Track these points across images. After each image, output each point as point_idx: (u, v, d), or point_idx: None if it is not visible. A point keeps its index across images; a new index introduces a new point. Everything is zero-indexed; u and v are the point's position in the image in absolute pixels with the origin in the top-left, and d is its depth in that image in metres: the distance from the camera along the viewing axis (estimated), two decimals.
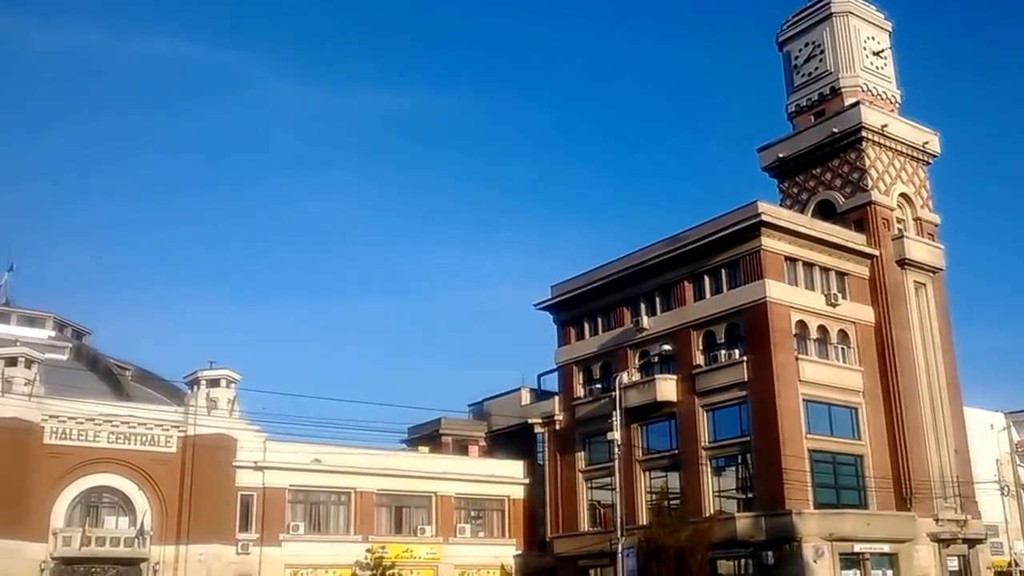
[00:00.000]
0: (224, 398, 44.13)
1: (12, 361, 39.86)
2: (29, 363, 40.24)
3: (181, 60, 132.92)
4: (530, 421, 51.73)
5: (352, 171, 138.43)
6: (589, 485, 48.98)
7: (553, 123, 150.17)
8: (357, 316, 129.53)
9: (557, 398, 51.33)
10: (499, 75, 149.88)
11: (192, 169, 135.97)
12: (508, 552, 50.53)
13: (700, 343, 44.37)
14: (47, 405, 40.27)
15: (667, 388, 44.53)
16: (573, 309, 51.17)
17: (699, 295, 44.77)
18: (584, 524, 48.39)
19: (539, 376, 54.56)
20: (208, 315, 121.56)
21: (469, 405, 58.67)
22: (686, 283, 45.24)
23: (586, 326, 50.46)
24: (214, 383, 44.23)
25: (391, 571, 42.62)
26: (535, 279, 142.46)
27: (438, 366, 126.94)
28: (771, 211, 43.60)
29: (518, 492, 51.83)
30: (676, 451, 44.39)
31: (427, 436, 55.47)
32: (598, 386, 48.95)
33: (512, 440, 53.08)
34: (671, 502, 42.87)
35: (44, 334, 53.62)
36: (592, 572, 47.36)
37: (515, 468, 52.10)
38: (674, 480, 44.45)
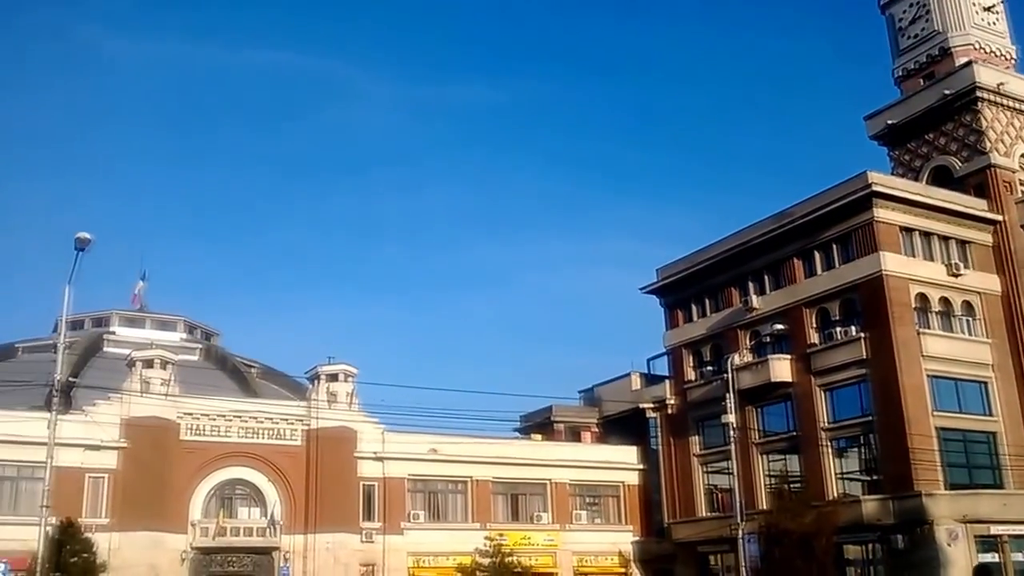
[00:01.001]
0: (343, 392, 45.63)
1: (149, 363, 42.20)
2: (164, 364, 42.54)
3: (286, 69, 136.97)
4: (642, 406, 51.64)
5: (452, 164, 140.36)
6: (705, 469, 48.58)
7: (652, 104, 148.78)
8: (467, 307, 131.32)
9: (668, 382, 51.13)
10: (591, 60, 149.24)
11: (295, 172, 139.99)
12: (626, 538, 50.60)
13: (814, 321, 43.51)
14: (182, 403, 42.47)
15: (781, 368, 43.84)
16: (680, 292, 50.86)
17: (810, 272, 43.90)
18: (702, 509, 48.01)
19: (649, 360, 54.47)
20: (326, 313, 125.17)
21: (580, 391, 58.88)
22: (796, 260, 44.45)
23: (694, 308, 50.10)
24: (333, 378, 45.77)
25: (510, 558, 43.28)
26: (641, 264, 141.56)
27: (547, 354, 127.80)
28: (883, 181, 42.38)
29: (633, 478, 51.85)
30: (794, 433, 43.64)
31: (539, 424, 55.90)
32: (709, 368, 48.55)
33: (624, 425, 53.09)
34: (792, 485, 42.06)
35: (176, 337, 56.47)
36: (712, 558, 47.01)
37: (629, 454, 52.13)
38: (793, 463, 43.64)
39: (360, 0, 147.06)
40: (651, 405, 51.30)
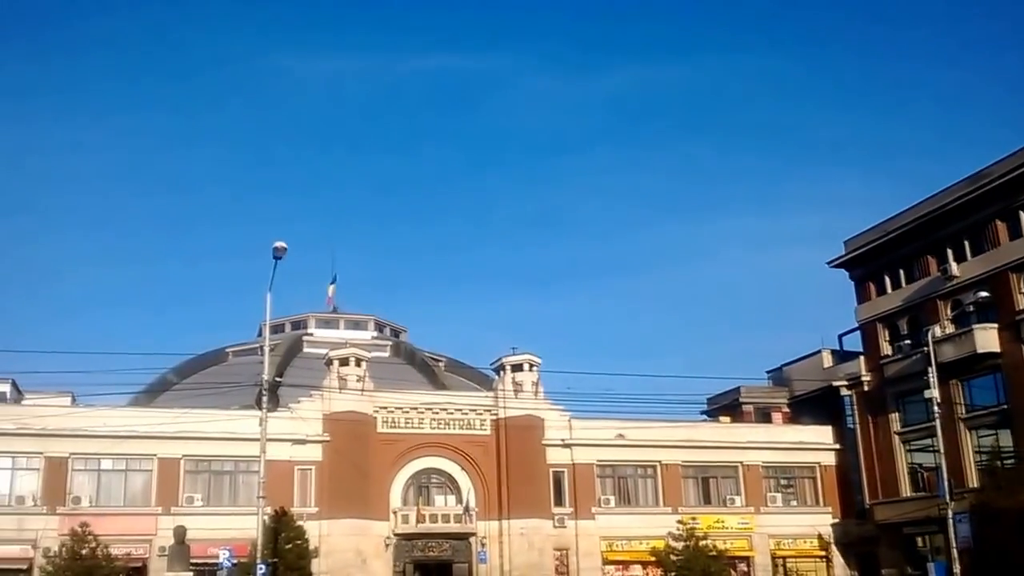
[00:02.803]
0: (528, 381, 46.51)
1: (344, 361, 44.51)
2: (358, 362, 44.75)
3: (449, 70, 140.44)
4: (835, 384, 49.79)
5: (624, 150, 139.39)
6: (907, 447, 46.37)
7: (821, 69, 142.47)
8: (649, 290, 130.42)
9: (862, 358, 49.04)
10: (760, 34, 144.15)
11: (471, 166, 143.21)
12: (824, 521, 49.04)
13: (1022, 286, 40.59)
14: (376, 398, 44.57)
15: (987, 339, 41.11)
16: (870, 263, 48.65)
17: (1015, 234, 40.86)
18: (905, 489, 45.85)
19: (840, 336, 52.44)
20: (508, 304, 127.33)
21: (767, 372, 57.39)
22: (998, 222, 41.53)
23: (887, 280, 47.81)
24: (518, 368, 46.72)
25: (704, 542, 42.90)
26: (823, 237, 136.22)
27: (732, 335, 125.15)
28: None
29: (829, 458, 50.16)
30: (1005, 406, 40.90)
31: (727, 406, 54.99)
32: (906, 342, 46.17)
33: (816, 405, 51.40)
34: (1004, 462, 39.59)
35: (367, 335, 59.30)
36: (919, 540, 44.84)
37: (823, 433, 50.44)
38: (1006, 438, 40.94)
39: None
40: (845, 383, 49.42)
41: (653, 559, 44.77)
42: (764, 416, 53.66)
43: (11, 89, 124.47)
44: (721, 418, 53.56)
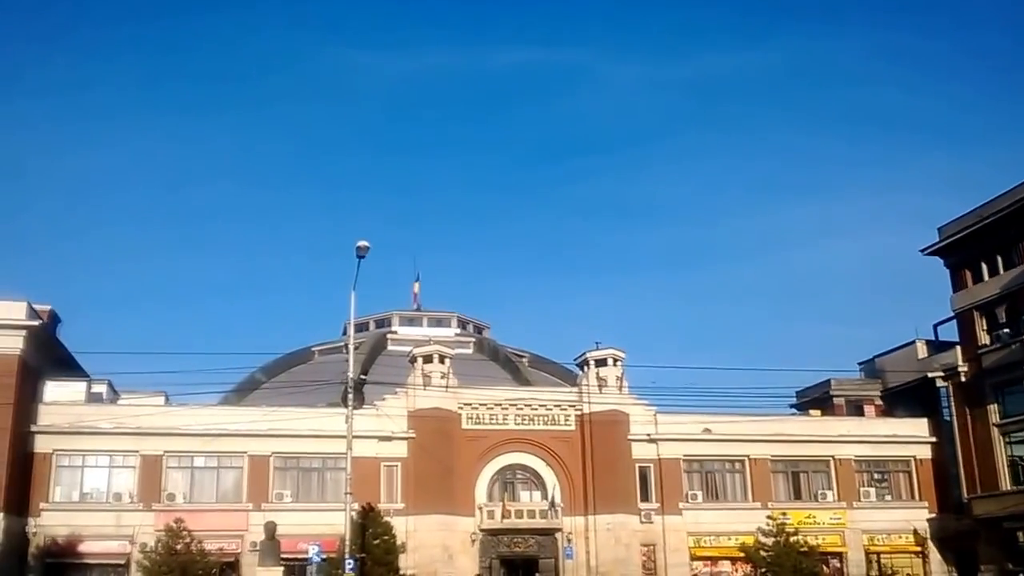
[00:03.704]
0: (612, 376, 46.17)
1: (428, 358, 44.81)
2: (442, 359, 45.01)
3: (532, 63, 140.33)
4: (930, 375, 48.18)
5: (712, 135, 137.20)
6: (1007, 440, 44.68)
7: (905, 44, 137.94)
8: (733, 281, 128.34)
9: (959, 348, 47.35)
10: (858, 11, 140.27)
11: (548, 157, 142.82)
12: (920, 516, 47.56)
13: None
14: (460, 394, 44.78)
15: None
16: (966, 250, 46.91)
17: None
18: (1005, 482, 44.22)
19: (935, 326, 50.68)
20: (589, 298, 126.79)
21: (859, 363, 56.11)
22: None
23: (983, 267, 46.05)
24: (602, 363, 46.42)
25: (794, 538, 42.03)
26: (914, 224, 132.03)
27: (820, 326, 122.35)
28: None
29: (924, 452, 48.62)
30: None
31: (816, 399, 53.92)
32: (1005, 331, 44.44)
33: (910, 397, 49.85)
34: None
35: (450, 332, 59.70)
36: (1021, 535, 43.11)
37: (918, 426, 48.91)
38: None
39: None
40: (940, 374, 47.83)
41: (742, 555, 44.14)
42: (856, 409, 52.33)
43: (142, 86, 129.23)
44: (811, 411, 52.52)
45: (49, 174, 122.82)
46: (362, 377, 39.17)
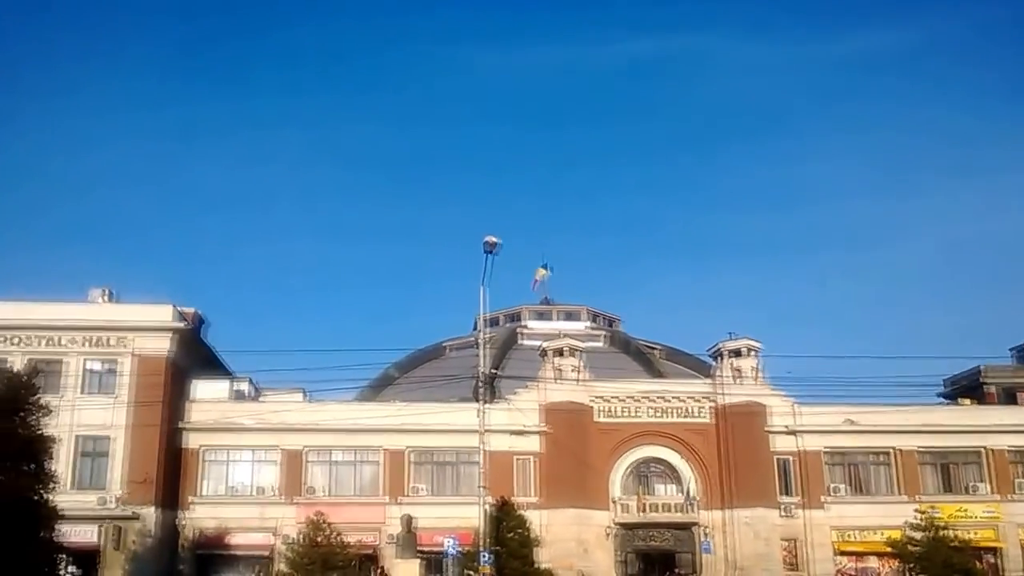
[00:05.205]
0: (748, 367, 45.06)
1: (559, 352, 44.73)
2: (573, 352, 44.90)
3: (647, 54, 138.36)
4: None
5: (828, 121, 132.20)
6: None
7: None
8: (877, 263, 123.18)
9: None
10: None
11: (672, 151, 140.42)
12: None
13: None
14: (593, 388, 44.48)
15: None
16: None
17: None
18: None
19: None
20: (723, 285, 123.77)
21: (1011, 349, 53.19)
22: None
23: None
24: (736, 353, 45.39)
25: (945, 532, 39.96)
26: None
27: (969, 310, 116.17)
28: None
29: None
30: None
31: (967, 387, 51.63)
32: None
33: None
34: None
35: (581, 325, 59.34)
36: None
37: None
38: None
39: None
40: None
41: (890, 550, 42.26)
42: (1010, 397, 49.80)
43: (285, 93, 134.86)
44: (961, 400, 50.22)
45: (223, 189, 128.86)
46: (494, 371, 39.36)
